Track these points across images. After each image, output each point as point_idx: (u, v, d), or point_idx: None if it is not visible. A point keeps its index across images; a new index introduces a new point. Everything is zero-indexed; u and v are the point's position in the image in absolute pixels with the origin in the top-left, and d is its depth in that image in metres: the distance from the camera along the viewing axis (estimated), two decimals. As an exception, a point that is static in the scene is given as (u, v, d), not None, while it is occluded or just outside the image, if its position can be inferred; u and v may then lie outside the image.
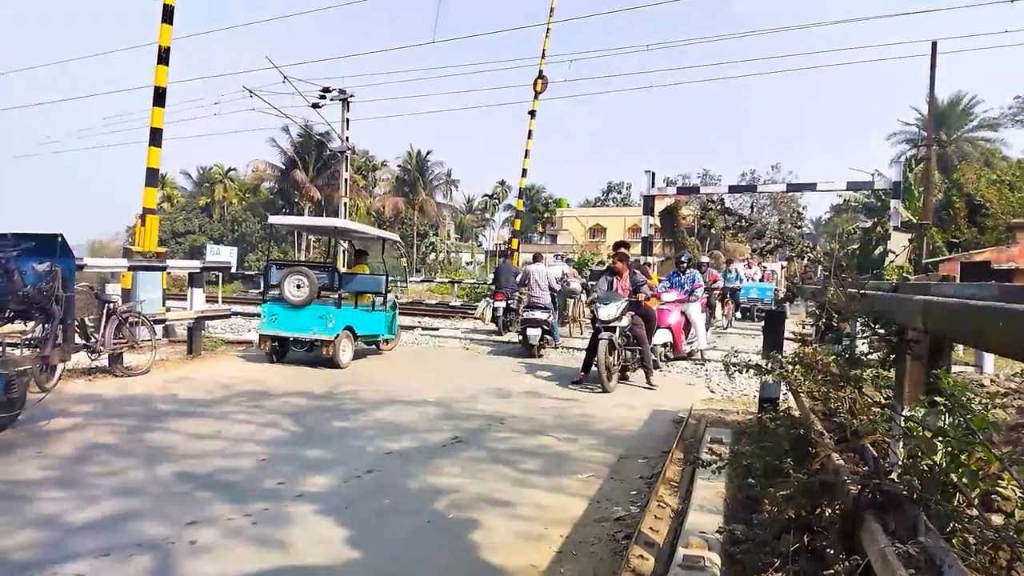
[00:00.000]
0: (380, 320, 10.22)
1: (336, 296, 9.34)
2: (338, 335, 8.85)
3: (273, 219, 13.41)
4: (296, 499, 3.98)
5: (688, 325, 10.59)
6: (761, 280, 20.95)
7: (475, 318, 16.33)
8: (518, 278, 12.66)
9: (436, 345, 12.24)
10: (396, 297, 11.41)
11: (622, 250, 9.06)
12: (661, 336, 9.77)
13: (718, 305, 16.34)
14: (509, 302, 13.72)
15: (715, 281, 15.59)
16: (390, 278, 10.80)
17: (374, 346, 10.70)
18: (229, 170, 56.83)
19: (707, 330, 12.30)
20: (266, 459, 4.79)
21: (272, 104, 23.09)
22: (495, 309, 14.20)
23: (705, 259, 15.55)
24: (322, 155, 48.25)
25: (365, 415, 6.32)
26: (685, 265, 11.26)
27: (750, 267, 21.15)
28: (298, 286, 8.91)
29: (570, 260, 20.19)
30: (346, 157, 26.98)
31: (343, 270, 11.53)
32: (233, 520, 3.62)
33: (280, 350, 9.29)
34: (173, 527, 3.49)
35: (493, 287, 14.89)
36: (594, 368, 8.07)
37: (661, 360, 9.77)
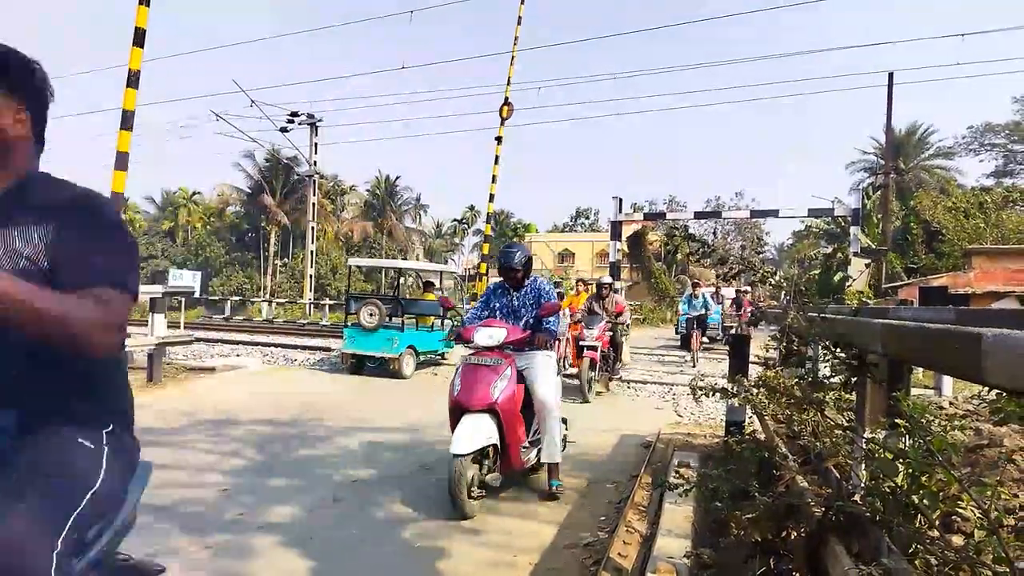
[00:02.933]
0: (437, 338, 12.32)
1: (400, 321, 11.19)
2: (402, 353, 10.84)
3: (352, 261, 18.65)
4: (259, 530, 3.88)
5: (528, 403, 4.71)
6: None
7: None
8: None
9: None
10: (454, 319, 13.26)
11: None
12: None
13: (624, 343, 11.77)
14: None
15: (620, 312, 10.82)
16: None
17: (437, 357, 12.66)
18: (193, 194, 56.11)
19: (594, 387, 9.30)
20: (228, 489, 4.68)
21: (239, 128, 23.01)
22: None
23: (607, 280, 11.28)
24: (289, 179, 47.98)
25: (331, 443, 6.23)
26: (520, 272, 4.93)
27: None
28: (371, 314, 11.00)
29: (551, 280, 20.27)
30: (314, 181, 26.89)
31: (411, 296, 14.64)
32: (193, 552, 3.52)
33: (357, 365, 11.39)
34: (129, 561, 3.38)
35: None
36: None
37: (473, 492, 4.21)
